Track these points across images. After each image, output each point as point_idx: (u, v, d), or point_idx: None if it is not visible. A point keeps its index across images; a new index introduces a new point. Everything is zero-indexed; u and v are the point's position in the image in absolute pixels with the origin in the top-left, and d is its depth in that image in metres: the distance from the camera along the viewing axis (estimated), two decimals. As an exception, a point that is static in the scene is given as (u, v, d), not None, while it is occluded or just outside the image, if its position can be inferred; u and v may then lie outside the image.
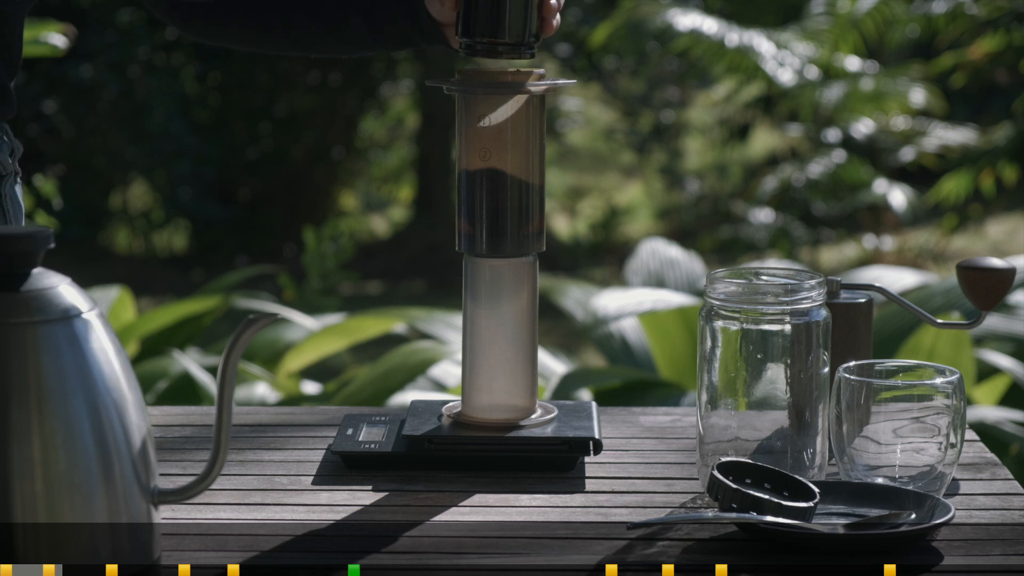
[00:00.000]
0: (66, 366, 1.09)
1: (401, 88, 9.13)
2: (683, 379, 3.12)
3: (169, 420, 1.61)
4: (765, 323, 1.34)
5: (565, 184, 9.76)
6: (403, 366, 3.02)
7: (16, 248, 1.10)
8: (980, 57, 6.26)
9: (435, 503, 1.33)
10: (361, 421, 1.52)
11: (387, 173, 9.54)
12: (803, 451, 1.36)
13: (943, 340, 2.91)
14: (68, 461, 1.09)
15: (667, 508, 1.33)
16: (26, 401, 1.08)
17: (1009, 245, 8.10)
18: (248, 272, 4.36)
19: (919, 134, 7.17)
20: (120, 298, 3.63)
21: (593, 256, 8.39)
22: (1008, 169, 6.30)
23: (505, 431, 1.44)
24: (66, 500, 1.09)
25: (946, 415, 1.33)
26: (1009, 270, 1.45)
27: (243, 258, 8.00)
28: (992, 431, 2.77)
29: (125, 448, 1.11)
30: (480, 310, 1.46)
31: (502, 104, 1.43)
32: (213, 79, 8.42)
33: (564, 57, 8.75)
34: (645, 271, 3.74)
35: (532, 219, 1.45)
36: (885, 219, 7.16)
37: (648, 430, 1.58)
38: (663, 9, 6.27)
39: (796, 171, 7.00)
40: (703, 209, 8.97)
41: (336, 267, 4.90)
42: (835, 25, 6.46)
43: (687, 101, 10.01)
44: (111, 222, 8.39)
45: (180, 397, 3.08)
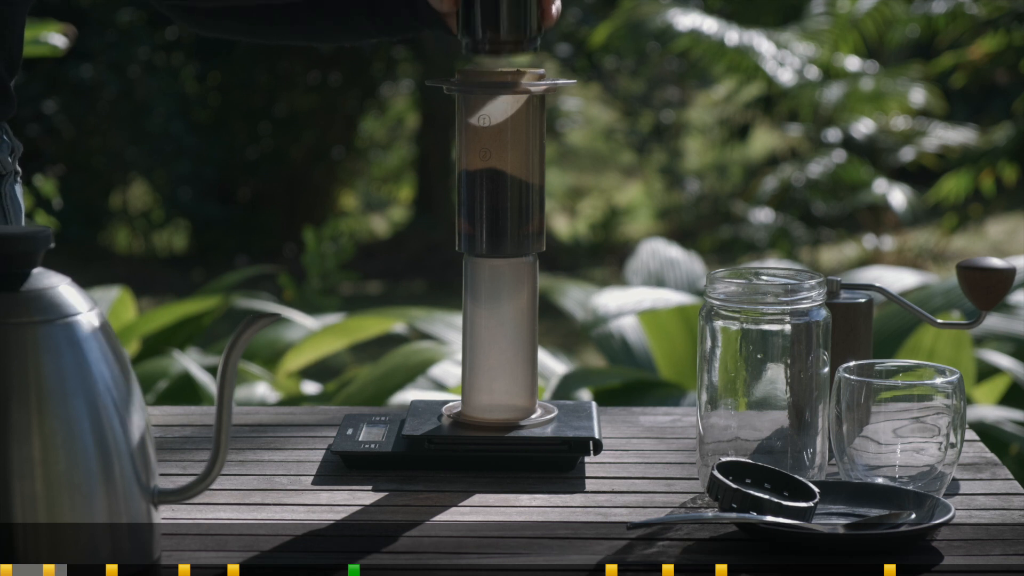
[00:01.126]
0: (66, 366, 1.09)
1: (401, 88, 9.13)
2: (683, 379, 3.12)
3: (169, 420, 1.61)
4: (765, 323, 1.34)
5: (565, 184, 9.76)
6: (403, 366, 3.02)
7: (16, 248, 1.10)
8: (980, 57, 6.25)
9: (435, 503, 1.33)
10: (361, 421, 1.52)
11: (387, 173, 9.54)
12: (803, 451, 1.36)
13: (943, 340, 2.91)
14: (68, 461, 1.09)
15: (667, 508, 1.33)
16: (26, 401, 1.08)
17: (1009, 245, 8.10)
18: (248, 272, 4.36)
19: (919, 134, 7.17)
20: (120, 298, 3.63)
21: (593, 256, 8.39)
22: (1008, 169, 6.30)
23: (505, 431, 1.44)
24: (66, 500, 1.09)
25: (946, 415, 1.33)
26: (1009, 270, 1.45)
27: (243, 258, 8.00)
28: (992, 431, 2.77)
29: (125, 448, 1.11)
30: (480, 310, 1.46)
31: (502, 104, 1.43)
32: (213, 79, 8.42)
33: (564, 57, 8.75)
34: (645, 271, 3.74)
35: (532, 219, 1.45)
36: (885, 219, 7.16)
37: (648, 430, 1.58)
38: (663, 9, 6.27)
39: (796, 171, 7.00)
40: (703, 209, 8.97)
41: (336, 267, 4.90)
42: (835, 25, 6.46)
43: (687, 101, 10.01)
44: (111, 222, 8.39)
45: (180, 397, 3.08)
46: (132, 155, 7.90)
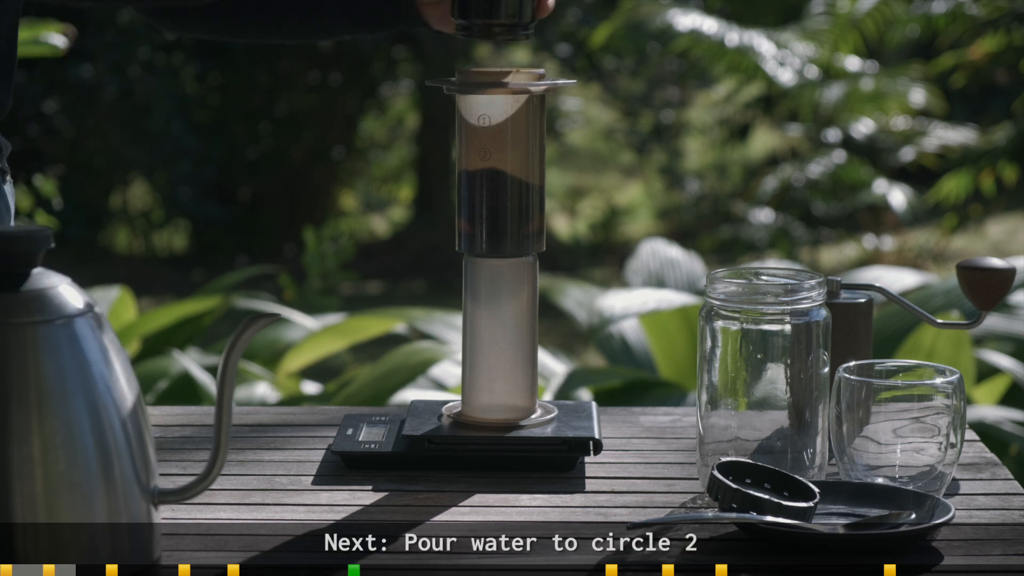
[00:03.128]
0: (66, 366, 1.09)
1: (401, 88, 9.13)
2: (683, 379, 3.12)
3: (169, 420, 1.61)
4: (765, 323, 1.34)
5: (565, 184, 9.76)
6: (403, 366, 3.02)
7: (16, 248, 1.10)
8: (980, 57, 6.25)
9: (435, 503, 1.33)
10: (361, 421, 1.52)
11: (387, 173, 9.54)
12: (803, 451, 1.36)
13: (943, 340, 2.91)
14: (68, 461, 1.09)
15: (667, 508, 1.33)
16: (26, 401, 1.08)
17: (1009, 245, 8.10)
18: (248, 272, 4.36)
19: (919, 134, 7.17)
20: (120, 298, 3.63)
21: (593, 256, 8.39)
22: (1008, 169, 6.30)
23: (505, 431, 1.44)
24: (66, 500, 1.09)
25: (946, 415, 1.33)
26: (1009, 270, 1.45)
27: (243, 258, 8.00)
28: (992, 431, 2.77)
29: (125, 448, 1.11)
30: (480, 310, 1.46)
31: (502, 104, 1.43)
32: (213, 79, 8.42)
33: (564, 57, 8.75)
34: (645, 271, 3.74)
35: (532, 219, 1.45)
36: (885, 219, 7.16)
37: (648, 430, 1.58)
38: (663, 9, 6.27)
39: (796, 171, 6.99)
40: (703, 209, 8.97)
41: (336, 267, 4.90)
42: (835, 25, 6.45)
43: (687, 101, 10.01)
44: (111, 222, 8.39)
45: (180, 397, 3.08)
46: (132, 155, 7.90)
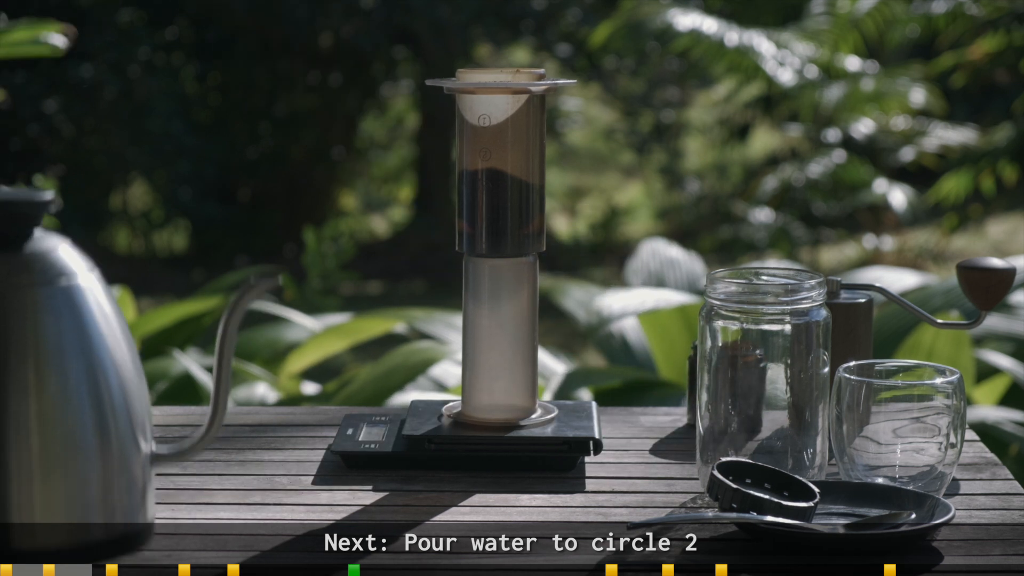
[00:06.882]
0: (65, 326, 1.10)
1: (401, 88, 9.13)
2: (683, 379, 3.12)
3: (169, 420, 1.61)
4: (765, 323, 1.34)
5: (565, 184, 9.76)
6: (403, 366, 3.02)
7: (16, 210, 1.12)
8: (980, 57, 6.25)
9: (435, 503, 1.33)
10: (361, 421, 1.52)
11: (387, 173, 9.54)
12: (803, 451, 1.36)
13: (943, 340, 2.91)
14: (65, 420, 1.10)
15: (667, 508, 1.33)
16: (24, 360, 1.09)
17: (1009, 245, 8.10)
18: (248, 272, 4.36)
19: (919, 134, 7.17)
20: (120, 298, 3.63)
21: (593, 256, 8.39)
22: (1008, 169, 6.30)
23: (505, 431, 1.44)
24: (61, 458, 1.09)
25: (946, 415, 1.33)
26: (1009, 270, 1.45)
27: (243, 258, 8.00)
28: (992, 431, 2.77)
29: (122, 407, 1.12)
30: (480, 310, 1.46)
31: (502, 104, 1.43)
32: (213, 79, 8.42)
33: (564, 57, 8.75)
34: (645, 271, 3.74)
35: (532, 219, 1.45)
36: (885, 219, 7.16)
37: (648, 430, 1.58)
38: (663, 9, 6.27)
39: (796, 171, 6.99)
40: (703, 209, 8.97)
41: (336, 267, 4.90)
42: (835, 25, 6.45)
43: (687, 101, 10.01)
44: (111, 222, 8.39)
45: (180, 397, 3.08)
46: (132, 155, 7.90)
